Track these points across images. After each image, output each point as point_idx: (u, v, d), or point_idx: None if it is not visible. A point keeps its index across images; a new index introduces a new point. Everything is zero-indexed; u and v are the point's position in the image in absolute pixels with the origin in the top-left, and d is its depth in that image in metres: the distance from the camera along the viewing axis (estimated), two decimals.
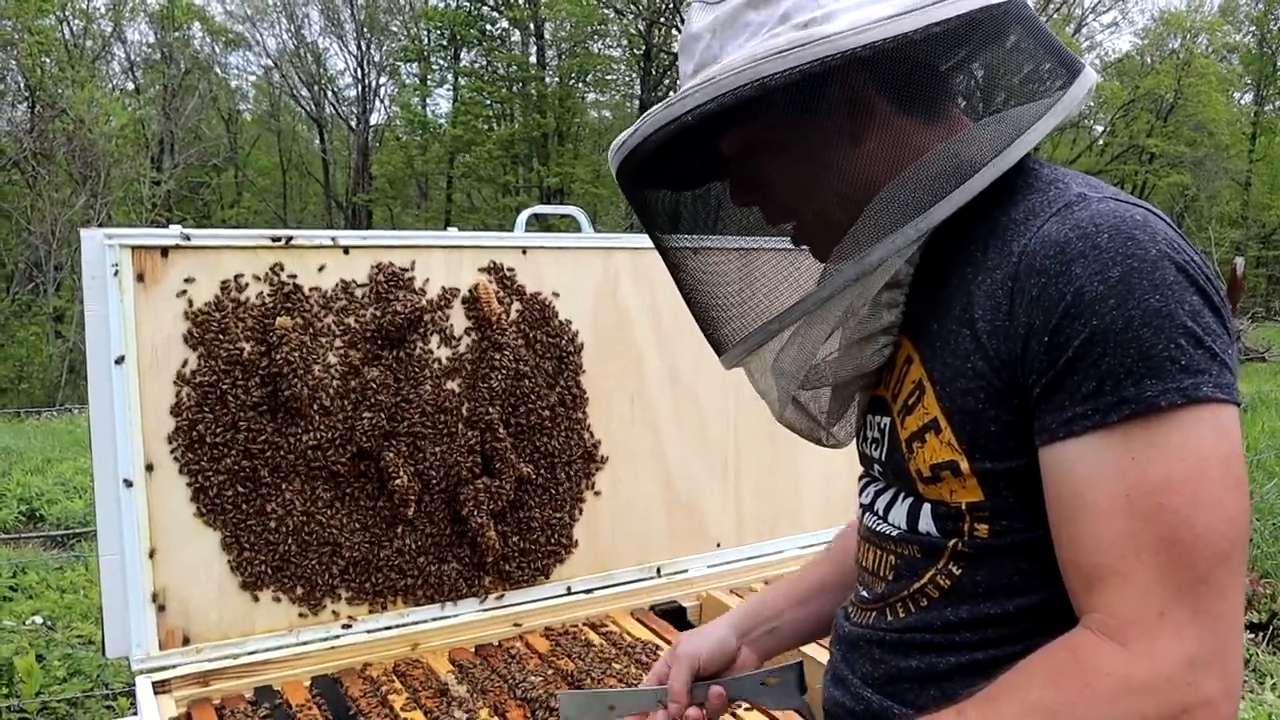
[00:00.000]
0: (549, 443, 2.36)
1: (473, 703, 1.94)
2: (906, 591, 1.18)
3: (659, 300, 2.54)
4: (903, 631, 1.18)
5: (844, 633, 1.30)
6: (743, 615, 1.51)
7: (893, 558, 1.20)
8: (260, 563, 2.07)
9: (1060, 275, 0.98)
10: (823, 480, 2.80)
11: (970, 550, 1.11)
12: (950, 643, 1.14)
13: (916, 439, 1.13)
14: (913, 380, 1.15)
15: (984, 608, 1.11)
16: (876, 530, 1.24)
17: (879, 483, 1.26)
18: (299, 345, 2.09)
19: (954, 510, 1.11)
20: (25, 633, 4.94)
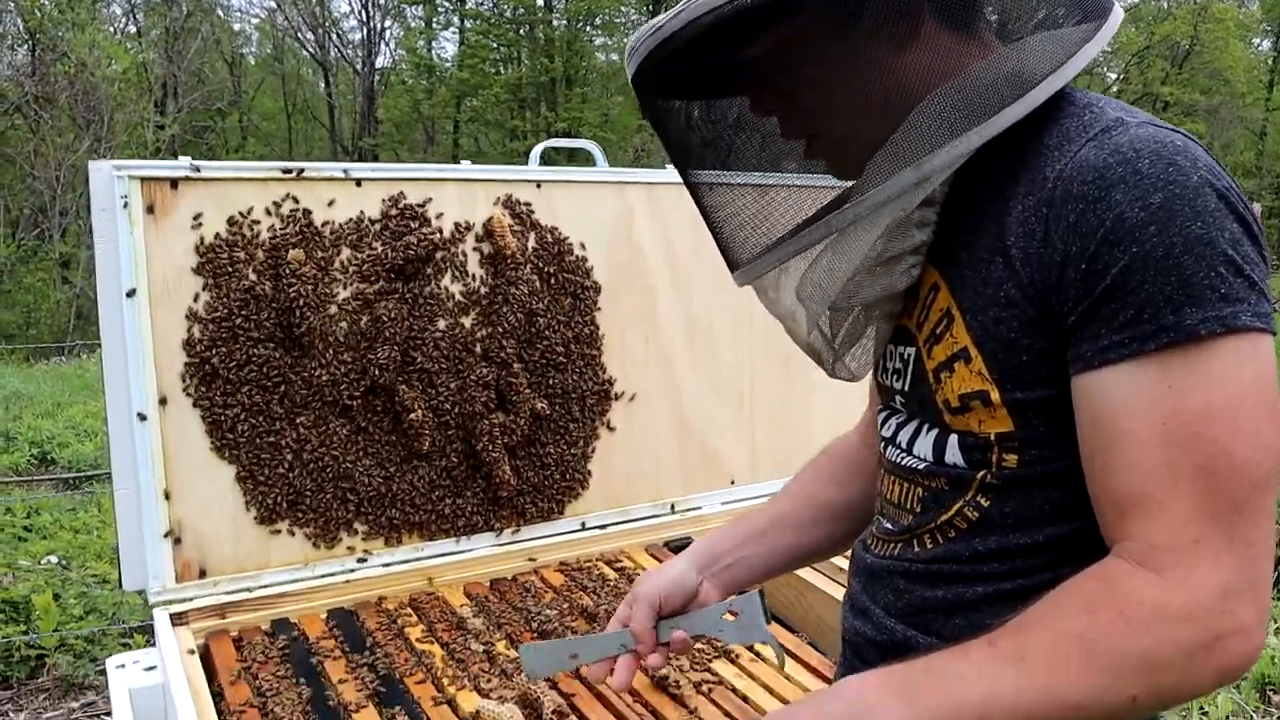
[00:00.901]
0: (564, 379, 2.34)
1: (489, 635, 1.95)
2: (934, 523, 1.17)
3: (674, 237, 2.51)
4: (929, 562, 1.17)
5: (866, 564, 1.29)
6: (702, 550, 1.48)
7: (919, 490, 1.19)
8: (275, 497, 2.06)
9: (1099, 201, 0.95)
10: (835, 419, 2.76)
11: (999, 482, 1.09)
12: (978, 573, 1.13)
13: (945, 369, 1.11)
14: (940, 309, 1.12)
15: (1012, 538, 1.10)
16: (901, 464, 1.22)
17: (900, 414, 1.24)
18: (311, 279, 2.07)
19: (982, 441, 1.10)
20: (41, 572, 4.99)
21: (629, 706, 1.71)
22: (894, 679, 1.00)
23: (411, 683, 1.79)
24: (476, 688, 1.77)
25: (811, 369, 2.70)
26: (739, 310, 2.60)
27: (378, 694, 1.75)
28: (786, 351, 2.67)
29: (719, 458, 2.60)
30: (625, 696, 1.75)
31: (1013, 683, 0.95)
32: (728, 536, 1.49)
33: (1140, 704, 0.93)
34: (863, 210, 1.04)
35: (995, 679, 0.95)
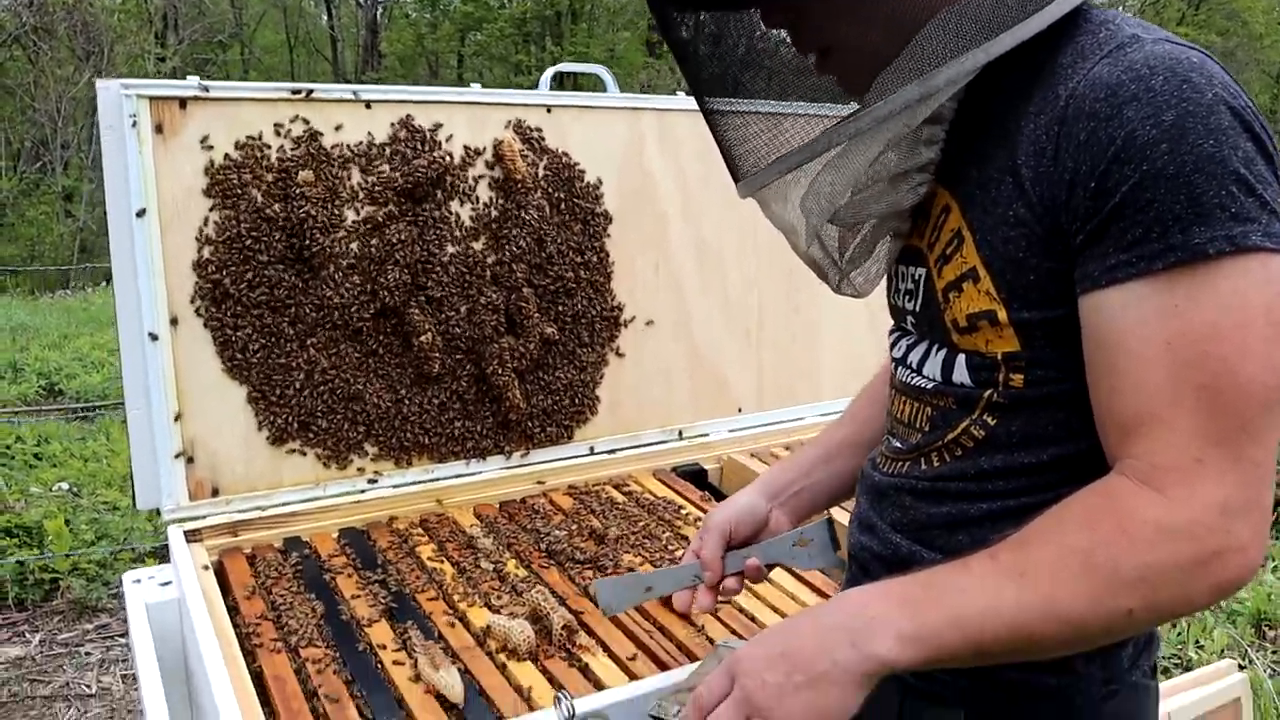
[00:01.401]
0: (573, 304, 2.34)
1: (499, 554, 1.97)
2: (941, 441, 1.18)
3: (685, 164, 2.50)
4: (935, 480, 1.19)
5: (873, 482, 1.31)
6: (770, 479, 1.53)
7: (928, 409, 1.20)
8: (286, 417, 2.08)
9: (1111, 119, 0.95)
10: (842, 350, 2.79)
11: (1005, 401, 1.11)
12: (983, 490, 1.15)
13: (953, 289, 1.12)
14: (951, 229, 1.13)
15: (1017, 457, 1.12)
16: (910, 384, 1.23)
17: (911, 336, 1.25)
18: (320, 200, 2.06)
19: (989, 361, 1.10)
20: (52, 498, 5.05)
21: (637, 624, 1.74)
22: (894, 591, 1.02)
23: (423, 599, 1.82)
24: (487, 604, 1.80)
25: (820, 300, 2.72)
26: (749, 239, 2.59)
27: (390, 610, 1.78)
28: (796, 282, 2.68)
29: (727, 385, 2.61)
30: (633, 614, 1.77)
31: (1013, 595, 0.96)
32: (793, 465, 1.52)
33: (1136, 618, 0.95)
34: (864, 124, 1.04)
35: (996, 592, 0.97)
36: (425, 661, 1.57)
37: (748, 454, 2.51)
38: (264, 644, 1.67)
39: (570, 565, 1.95)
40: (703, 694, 1.05)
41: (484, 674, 1.59)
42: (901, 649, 0.97)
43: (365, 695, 1.54)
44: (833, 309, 2.74)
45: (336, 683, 1.56)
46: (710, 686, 1.05)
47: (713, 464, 2.50)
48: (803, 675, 0.99)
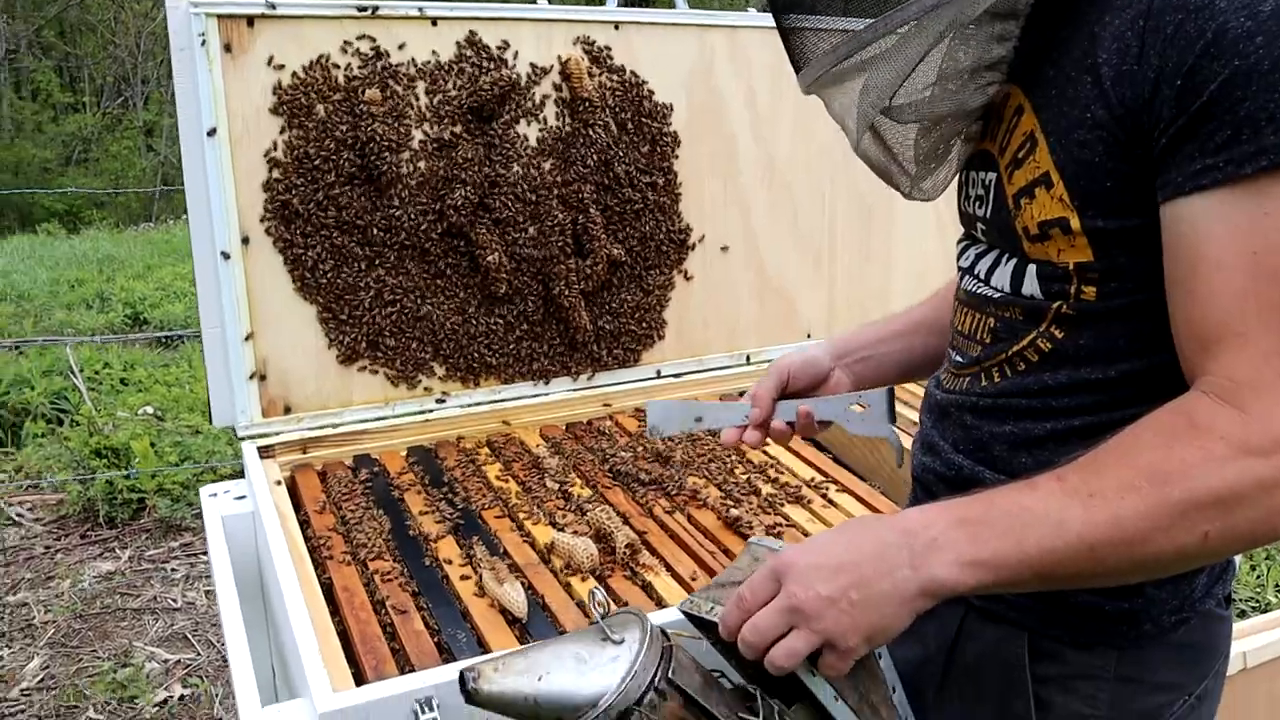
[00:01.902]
0: (641, 225, 2.31)
1: (564, 474, 1.98)
2: (1004, 355, 1.13)
3: (755, 83, 2.43)
4: (996, 396, 1.15)
5: (936, 400, 1.27)
6: (839, 340, 1.50)
7: (992, 320, 1.15)
8: (355, 337, 2.10)
9: (1201, 10, 0.88)
10: (916, 270, 2.72)
11: (1074, 313, 1.06)
12: (1046, 408, 1.10)
13: (1025, 194, 1.07)
14: (1024, 132, 1.07)
15: (1084, 372, 1.07)
16: (976, 293, 1.19)
17: (980, 244, 1.20)
18: (387, 119, 2.05)
19: (1060, 271, 1.05)
20: (138, 421, 5.21)
21: (699, 544, 1.74)
22: (956, 512, 0.98)
23: (489, 516, 1.83)
24: (552, 522, 1.81)
25: (893, 221, 2.65)
26: (820, 160, 2.53)
27: (456, 526, 1.80)
28: (868, 203, 2.61)
29: (796, 310, 2.57)
30: (696, 534, 1.77)
31: (1079, 517, 0.92)
32: (866, 331, 1.49)
33: (1212, 543, 0.91)
34: (912, 11, 0.96)
35: (1061, 514, 0.93)
36: (490, 576, 1.59)
37: None
38: (334, 556, 1.70)
39: (635, 486, 1.95)
40: (746, 595, 1.02)
41: (547, 589, 1.60)
42: (962, 573, 0.94)
43: (431, 607, 1.57)
44: (905, 231, 2.67)
45: (403, 595, 1.59)
46: (754, 588, 1.01)
47: None
48: (858, 592, 0.96)
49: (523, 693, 1.02)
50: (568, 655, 1.04)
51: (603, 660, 1.03)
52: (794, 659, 0.98)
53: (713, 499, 1.89)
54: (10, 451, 5.39)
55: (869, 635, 0.97)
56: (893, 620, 0.97)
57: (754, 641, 1.00)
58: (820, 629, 0.97)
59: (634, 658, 1.02)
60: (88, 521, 4.57)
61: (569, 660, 1.04)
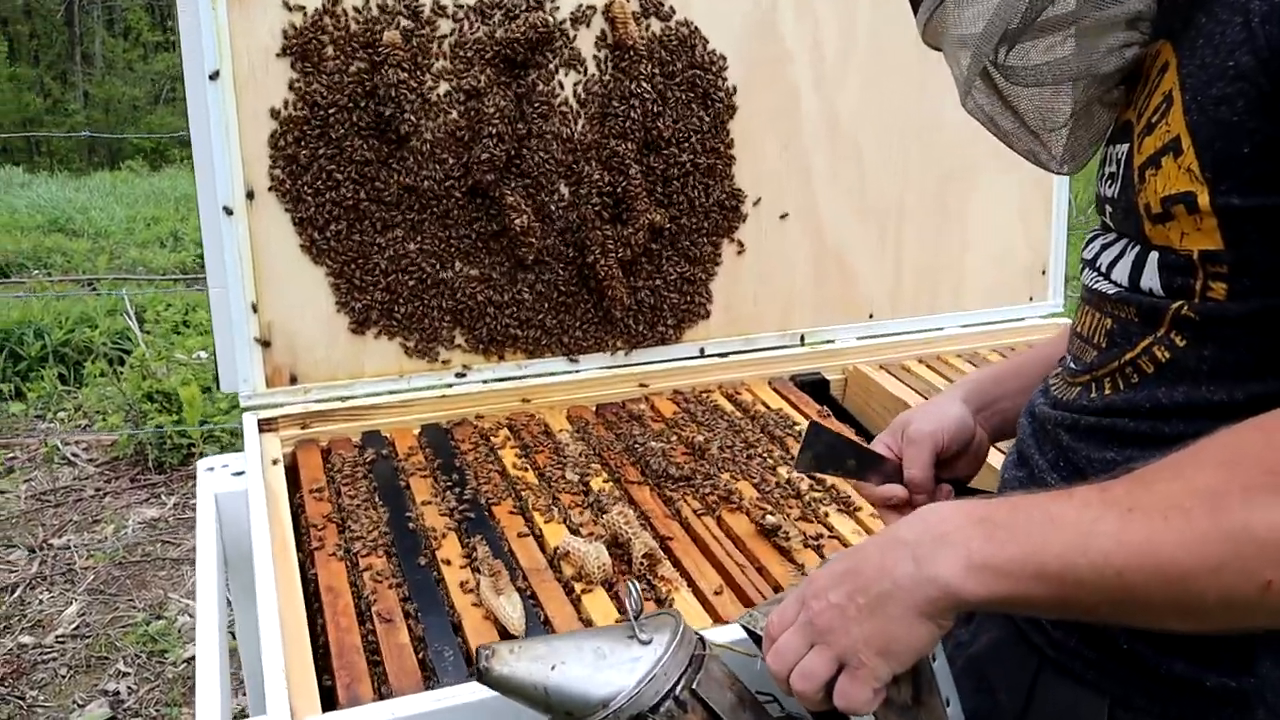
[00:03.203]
0: (687, 189, 2.09)
1: (586, 465, 1.80)
2: (1116, 363, 0.94)
3: (822, 33, 2.18)
4: (1101, 414, 0.96)
5: (1037, 409, 1.09)
6: (972, 390, 1.32)
7: (1109, 321, 0.96)
8: (368, 302, 1.93)
9: None
10: (995, 255, 2.46)
11: (1198, 317, 0.86)
12: (1156, 434, 0.91)
13: (1151, 165, 0.87)
14: (1163, 92, 0.87)
15: (1206, 392, 0.87)
16: (1094, 288, 1.00)
17: (1109, 233, 1.01)
18: (408, 65, 1.86)
19: (1183, 260, 0.86)
20: (193, 365, 5.18)
21: (728, 555, 1.55)
22: (976, 510, 0.85)
23: (498, 510, 1.66)
24: (566, 521, 1.63)
25: (973, 195, 2.38)
26: (893, 122, 2.27)
27: (463, 520, 1.63)
28: (946, 171, 2.35)
29: (857, 287, 2.33)
30: (725, 544, 1.58)
31: (1110, 531, 0.76)
32: (998, 378, 1.34)
33: (1275, 597, 0.70)
34: None
35: (1091, 525, 0.77)
36: (488, 585, 1.42)
37: (876, 366, 2.25)
38: (325, 548, 1.55)
39: (664, 481, 1.76)
40: (774, 621, 0.95)
41: (551, 601, 1.43)
42: (967, 576, 0.81)
43: (420, 615, 1.40)
44: (986, 206, 2.41)
45: (392, 600, 1.43)
46: (782, 611, 0.94)
47: (836, 374, 2.25)
48: (864, 596, 0.86)
49: (535, 680, 0.99)
50: (588, 648, 1.00)
51: (623, 659, 0.98)
52: (811, 681, 0.89)
53: (749, 501, 1.69)
54: (72, 390, 5.41)
55: (882, 649, 0.86)
56: (903, 630, 0.85)
57: (777, 667, 0.92)
58: (834, 644, 0.88)
59: (656, 660, 0.97)
60: (138, 465, 4.55)
61: (588, 654, 0.99)
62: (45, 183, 11.19)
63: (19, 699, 3.08)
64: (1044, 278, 2.53)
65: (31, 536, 3.98)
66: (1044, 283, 2.53)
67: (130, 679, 3.18)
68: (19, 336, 5.51)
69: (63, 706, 3.04)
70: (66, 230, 8.91)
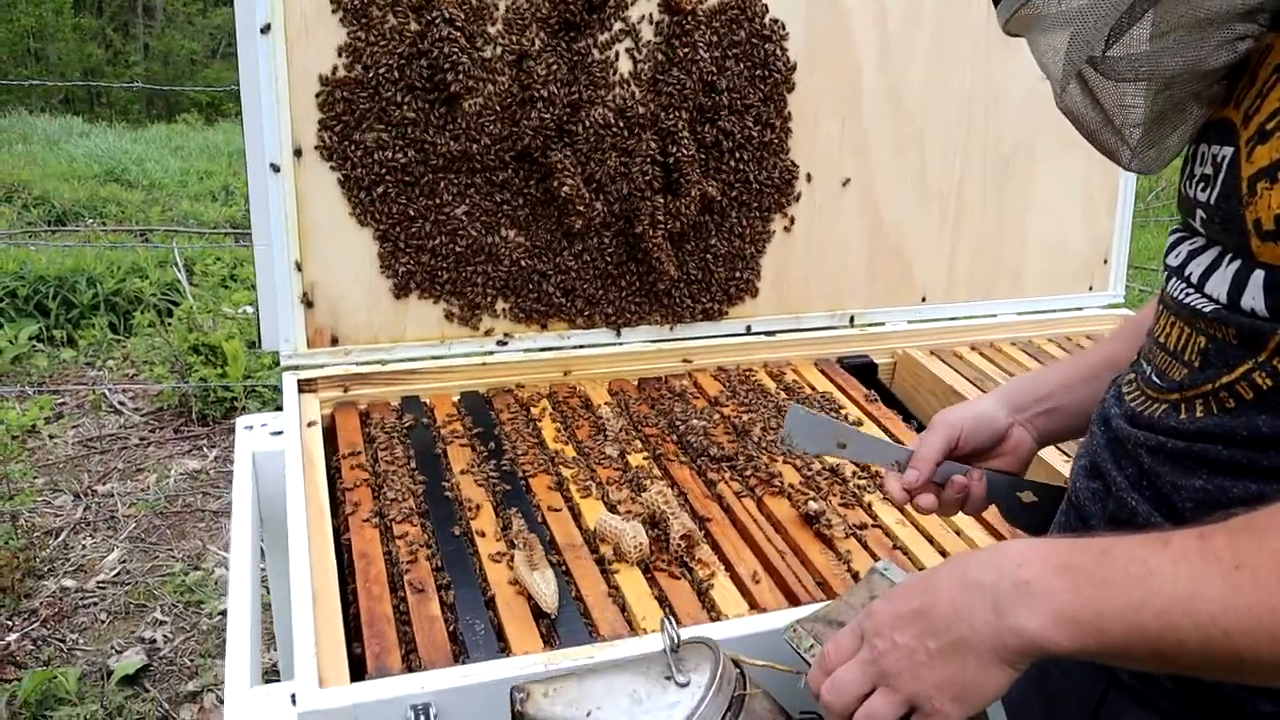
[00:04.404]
0: (741, 162, 2.04)
1: (627, 440, 1.76)
2: (1210, 385, 0.87)
3: (889, 5, 2.11)
4: (1193, 439, 0.89)
5: (1113, 422, 1.01)
6: (1014, 389, 1.29)
7: (1203, 339, 0.89)
8: (413, 266, 1.90)
9: None
10: (1054, 240, 2.38)
11: None
12: (1252, 464, 0.84)
13: (1265, 176, 0.79)
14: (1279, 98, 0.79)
15: None
16: (1185, 302, 0.92)
17: (1198, 239, 0.93)
18: (461, 25, 1.81)
19: None
20: (239, 319, 5.21)
21: (768, 540, 1.51)
22: (1061, 554, 0.80)
23: (535, 483, 1.64)
24: (604, 498, 1.60)
25: (1036, 181, 2.31)
26: (956, 101, 2.20)
27: (498, 491, 1.61)
28: (1009, 156, 2.27)
29: (911, 269, 2.27)
30: (766, 528, 1.54)
31: (1217, 593, 0.71)
32: (1048, 377, 1.29)
33: None
34: None
35: (1194, 583, 0.72)
36: (523, 559, 1.40)
37: (927, 351, 2.19)
38: (359, 513, 1.53)
39: (704, 461, 1.72)
40: (830, 651, 0.92)
41: (585, 579, 1.40)
42: (1055, 629, 0.77)
43: (453, 587, 1.38)
44: (1048, 191, 2.33)
45: (425, 570, 1.41)
46: (839, 644, 0.92)
47: (885, 358, 2.19)
48: (936, 641, 0.83)
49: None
50: (623, 691, 0.97)
51: (660, 704, 0.95)
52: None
53: (790, 485, 1.65)
54: (121, 340, 5.47)
55: (957, 694, 0.83)
56: (980, 677, 0.82)
57: (834, 704, 0.90)
58: (902, 687, 0.85)
59: (695, 706, 0.93)
60: (182, 416, 4.60)
61: (623, 698, 0.96)
62: (104, 133, 11.31)
63: (60, 641, 3.13)
64: (1105, 267, 2.45)
65: (77, 482, 4.03)
66: (1105, 272, 2.45)
67: (167, 628, 3.22)
68: (72, 284, 5.58)
69: (101, 651, 3.08)
70: (122, 181, 9.01)
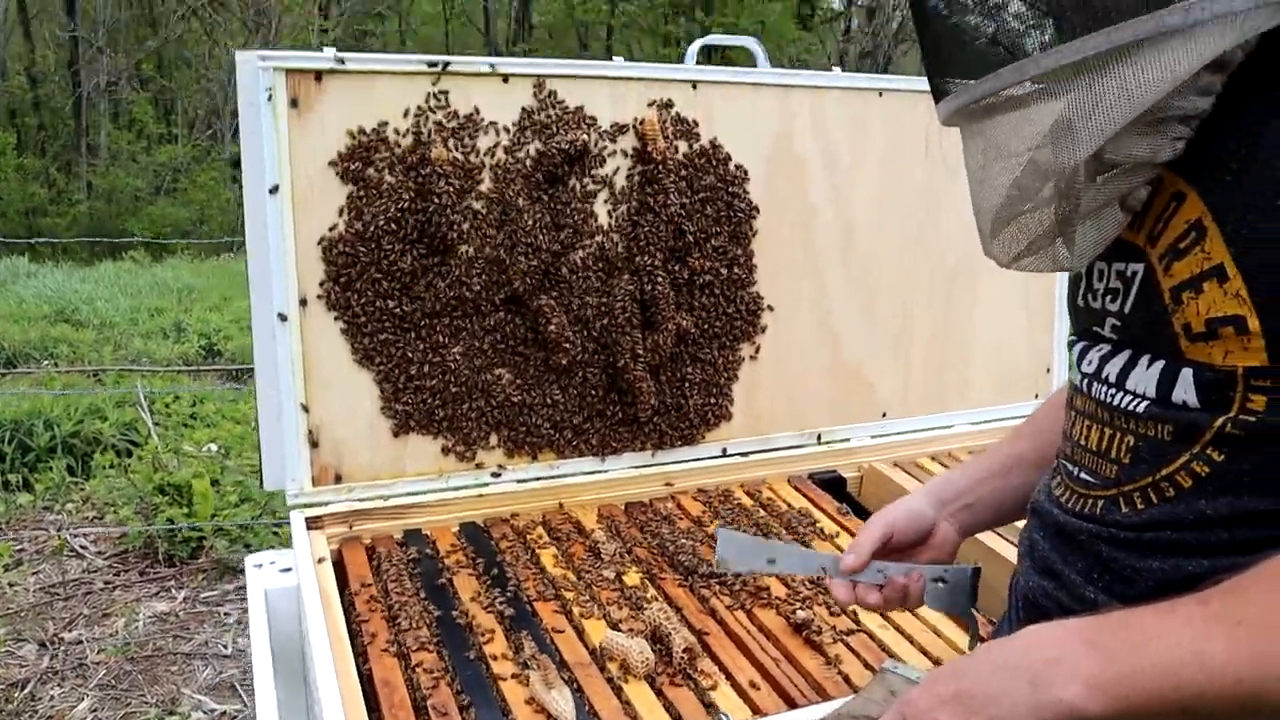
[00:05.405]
0: (711, 296, 2.21)
1: (621, 561, 1.87)
2: (1149, 479, 0.98)
3: (837, 148, 2.32)
4: (1142, 529, 1.00)
5: (1056, 520, 1.11)
6: (939, 486, 1.39)
7: (1130, 438, 1.00)
8: (412, 405, 2.02)
9: None
10: (1000, 353, 2.57)
11: (1240, 432, 0.91)
12: (1204, 543, 0.95)
13: (1189, 288, 0.92)
14: (1186, 220, 0.93)
15: (1249, 502, 0.92)
16: (1110, 403, 1.03)
17: (1105, 345, 1.05)
18: (454, 180, 1.98)
19: (1225, 376, 0.91)
20: (203, 458, 5.23)
21: (762, 649, 1.61)
22: (1083, 631, 0.89)
23: (540, 607, 1.73)
24: (606, 617, 1.70)
25: (977, 299, 2.50)
26: (903, 231, 2.41)
27: (505, 615, 1.70)
28: (952, 276, 2.48)
29: (871, 388, 2.44)
30: (759, 638, 1.64)
31: (1222, 648, 0.82)
32: (965, 474, 1.40)
33: None
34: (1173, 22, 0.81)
35: (1201, 641, 0.83)
36: (538, 678, 1.48)
37: (891, 463, 2.34)
38: (377, 643, 1.61)
39: (694, 578, 1.83)
40: None
41: (597, 695, 1.49)
42: (1089, 695, 0.85)
43: (473, 708, 1.46)
44: (989, 309, 2.53)
45: (446, 694, 1.49)
46: None
47: (852, 472, 2.34)
48: (978, 718, 0.89)
49: None
50: None
51: None
52: None
53: (777, 596, 1.76)
54: (80, 482, 5.44)
55: None
56: None
57: None
58: None
59: None
60: (148, 558, 4.57)
61: None
62: (51, 272, 11.33)
63: None
64: (1048, 375, 2.63)
65: (42, 630, 3.98)
66: (1048, 380, 2.64)
67: None
68: (28, 427, 5.56)
69: None
70: (73, 320, 9.01)
